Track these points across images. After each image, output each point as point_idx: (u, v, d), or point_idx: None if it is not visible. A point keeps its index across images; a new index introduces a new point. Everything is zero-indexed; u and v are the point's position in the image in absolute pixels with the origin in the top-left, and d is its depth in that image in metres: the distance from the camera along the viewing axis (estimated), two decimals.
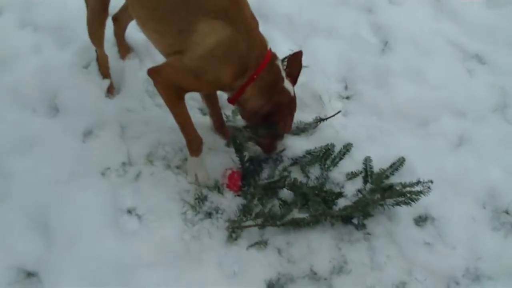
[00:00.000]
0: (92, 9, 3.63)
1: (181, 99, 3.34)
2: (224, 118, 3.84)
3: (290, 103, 3.40)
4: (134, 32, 4.24)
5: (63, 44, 4.25)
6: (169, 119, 3.69)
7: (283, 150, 3.68)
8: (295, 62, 3.52)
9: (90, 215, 3.31)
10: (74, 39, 4.23)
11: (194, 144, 3.48)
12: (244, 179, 3.52)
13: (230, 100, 3.40)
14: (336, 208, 3.43)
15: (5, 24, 4.39)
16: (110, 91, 3.98)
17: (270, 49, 3.32)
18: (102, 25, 3.74)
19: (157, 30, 3.27)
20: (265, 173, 3.57)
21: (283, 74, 3.36)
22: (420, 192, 3.35)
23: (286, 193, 3.50)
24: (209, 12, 3.06)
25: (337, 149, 3.74)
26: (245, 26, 3.14)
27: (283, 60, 3.87)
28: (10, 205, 3.32)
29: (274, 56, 3.34)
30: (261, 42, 3.27)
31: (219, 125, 3.80)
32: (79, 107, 3.83)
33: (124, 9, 4.02)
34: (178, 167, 3.60)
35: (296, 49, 4.03)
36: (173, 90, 3.30)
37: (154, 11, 3.21)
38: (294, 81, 3.47)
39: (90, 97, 3.90)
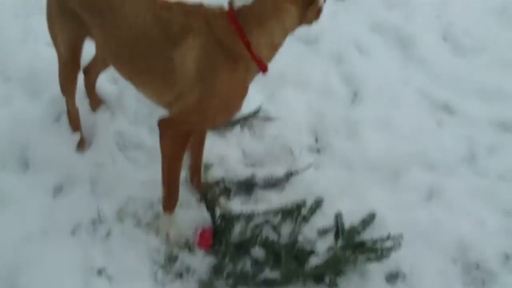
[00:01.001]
0: (64, 62, 3.62)
1: (184, 151, 3.28)
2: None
3: None
4: (105, 84, 4.25)
5: (34, 95, 4.25)
6: (140, 174, 3.71)
7: None
8: None
9: (60, 275, 3.25)
10: (45, 90, 4.23)
11: (172, 201, 3.45)
12: (216, 236, 3.49)
13: (263, 70, 3.15)
14: (308, 266, 3.40)
15: None
16: (81, 145, 3.95)
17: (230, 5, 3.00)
18: (74, 78, 3.74)
19: (145, 82, 3.26)
20: (236, 230, 3.53)
21: None
22: (391, 248, 3.36)
23: (258, 251, 3.46)
24: (176, 38, 3.00)
25: (308, 204, 3.72)
26: (204, 22, 2.98)
27: (250, 116, 3.99)
28: None
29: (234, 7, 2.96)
30: (216, 11, 3.01)
31: (196, 178, 3.77)
32: (49, 162, 3.79)
33: (94, 61, 4.02)
34: (148, 224, 3.56)
35: (265, 101, 4.08)
36: (183, 140, 3.20)
37: (131, 64, 3.23)
38: None
39: (60, 152, 3.86)
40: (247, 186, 3.82)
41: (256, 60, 3.02)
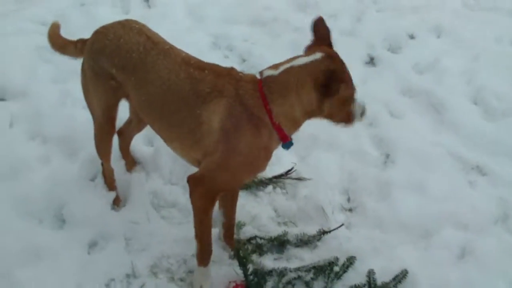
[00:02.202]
0: (100, 124, 3.73)
1: (213, 206, 3.35)
2: None
3: (326, 66, 3.03)
4: (141, 145, 4.35)
5: (71, 155, 4.36)
6: (174, 231, 3.76)
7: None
8: (320, 26, 3.25)
9: None
10: (81, 150, 4.35)
11: (206, 254, 3.49)
12: None
13: (283, 139, 3.23)
14: None
15: (15, 135, 4.52)
16: (116, 203, 4.04)
17: (261, 74, 3.17)
18: (109, 140, 3.83)
19: (174, 137, 3.33)
20: (269, 286, 3.54)
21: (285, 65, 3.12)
22: None
23: None
24: (206, 97, 3.11)
25: (340, 262, 3.73)
26: (233, 84, 3.13)
27: (282, 175, 4.08)
28: None
29: (263, 76, 3.14)
30: (248, 76, 3.20)
31: (229, 236, 3.81)
32: (85, 218, 3.87)
33: (128, 122, 4.14)
34: (181, 280, 3.60)
35: (297, 162, 4.15)
36: (211, 197, 3.29)
37: (162, 119, 3.34)
38: (329, 44, 3.21)
39: (96, 209, 3.95)
40: (280, 244, 3.85)
41: (276, 127, 3.12)
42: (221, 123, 3.09)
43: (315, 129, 4.72)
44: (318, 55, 3.08)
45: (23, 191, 4.00)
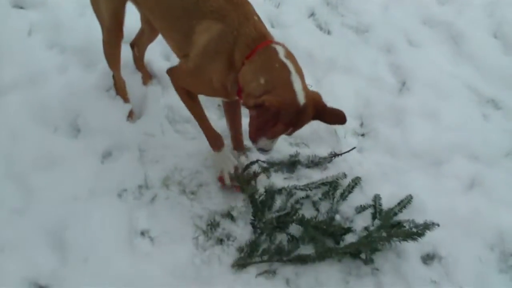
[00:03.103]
0: (108, 30, 3.73)
1: (193, 98, 3.51)
2: None
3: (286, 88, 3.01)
4: (157, 59, 4.35)
5: (88, 66, 4.34)
6: (187, 145, 3.82)
7: (267, 151, 3.28)
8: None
9: (105, 234, 3.39)
10: (99, 62, 4.30)
11: (212, 138, 3.61)
12: (256, 210, 3.56)
13: (238, 94, 3.25)
14: (344, 243, 3.47)
15: (34, 44, 4.49)
16: (131, 115, 4.06)
17: (273, 41, 3.21)
18: (118, 46, 3.84)
19: (171, 36, 3.49)
20: (277, 204, 3.61)
21: (289, 64, 3.11)
22: (426, 227, 3.42)
23: (295, 228, 3.54)
24: (206, 14, 3.18)
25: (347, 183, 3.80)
26: (238, 20, 3.14)
27: None
28: (29, 219, 3.39)
29: (274, 44, 3.17)
30: (258, 31, 3.16)
31: (238, 144, 3.90)
32: (100, 128, 3.91)
33: (140, 33, 4.15)
34: (193, 193, 3.66)
35: (313, 84, 4.15)
36: (184, 90, 3.48)
37: (165, 21, 3.44)
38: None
39: (111, 120, 3.98)
40: (290, 164, 3.88)
41: (239, 82, 3.16)
42: (207, 42, 3.18)
43: (333, 53, 4.73)
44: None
45: (39, 99, 4.02)
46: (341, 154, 3.96)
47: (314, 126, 4.06)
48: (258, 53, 3.09)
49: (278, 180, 3.78)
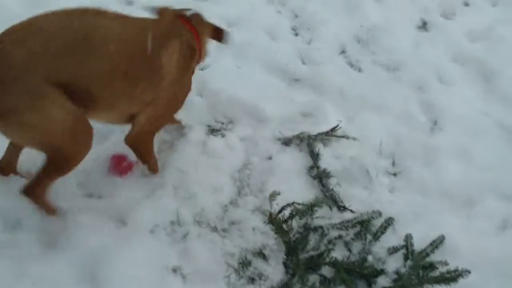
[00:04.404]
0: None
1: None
2: None
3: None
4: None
5: None
6: (220, 181, 3.83)
7: None
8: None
9: (137, 270, 3.36)
10: None
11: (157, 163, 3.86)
12: (289, 251, 3.55)
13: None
14: (376, 286, 3.45)
15: None
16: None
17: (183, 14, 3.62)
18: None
19: (134, 97, 3.33)
20: (311, 244, 3.59)
21: None
22: (459, 275, 3.39)
23: (327, 268, 3.50)
24: (161, 41, 3.30)
25: (379, 223, 3.78)
26: (171, 25, 3.46)
27: (327, 132, 4.22)
28: (62, 253, 3.39)
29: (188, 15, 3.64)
30: (177, 20, 3.55)
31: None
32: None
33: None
34: (224, 230, 3.66)
35: (345, 122, 4.17)
36: (153, 137, 3.64)
37: (127, 79, 3.23)
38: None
39: None
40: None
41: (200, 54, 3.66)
42: (177, 62, 3.35)
43: (364, 90, 4.74)
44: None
45: None
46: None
47: (346, 164, 4.08)
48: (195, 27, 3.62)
49: (311, 219, 3.75)
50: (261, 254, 3.55)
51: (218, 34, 3.79)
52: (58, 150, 3.10)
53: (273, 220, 3.61)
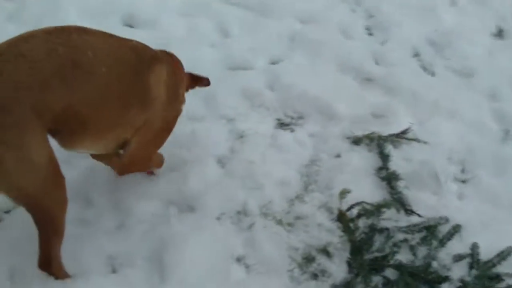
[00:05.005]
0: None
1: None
2: None
3: None
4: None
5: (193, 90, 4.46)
6: (289, 174, 3.87)
7: None
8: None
9: (202, 256, 3.39)
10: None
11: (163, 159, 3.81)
12: (354, 251, 3.53)
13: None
14: None
15: None
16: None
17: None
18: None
19: (125, 122, 3.17)
20: (376, 245, 3.57)
21: None
22: None
23: (391, 271, 3.47)
24: (150, 63, 3.21)
25: (446, 229, 3.72)
26: (160, 53, 3.40)
27: (398, 134, 4.19)
28: (132, 233, 3.47)
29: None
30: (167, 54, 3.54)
31: None
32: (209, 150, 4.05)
33: None
34: (290, 224, 3.66)
35: (416, 124, 4.13)
36: (144, 164, 3.59)
37: (120, 101, 3.07)
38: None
39: (218, 143, 4.14)
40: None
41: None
42: (165, 85, 3.27)
43: (436, 95, 4.68)
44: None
45: None
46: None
47: (416, 168, 4.04)
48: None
49: (377, 220, 3.73)
50: (325, 251, 3.53)
51: (197, 81, 3.85)
52: (35, 204, 2.83)
53: (342, 218, 3.59)
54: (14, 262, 3.22)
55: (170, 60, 3.47)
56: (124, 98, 3.04)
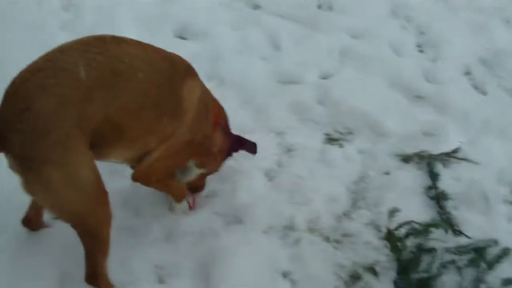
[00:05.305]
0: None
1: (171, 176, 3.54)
2: None
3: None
4: None
5: (245, 102, 4.51)
6: (335, 189, 3.87)
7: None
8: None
9: (249, 269, 3.40)
10: (254, 99, 4.49)
11: (184, 193, 3.67)
12: (401, 270, 3.50)
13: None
14: None
15: None
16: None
17: None
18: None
19: (152, 130, 3.09)
20: (423, 265, 3.52)
21: None
22: None
23: None
24: (183, 74, 3.17)
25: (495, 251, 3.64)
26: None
27: (448, 153, 4.16)
28: (181, 243, 3.51)
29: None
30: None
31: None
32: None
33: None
34: (337, 241, 3.65)
35: (466, 143, 4.08)
36: (169, 176, 3.49)
37: (154, 110, 3.03)
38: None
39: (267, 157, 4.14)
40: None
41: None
42: (198, 100, 3.21)
43: (487, 114, 4.64)
44: None
45: None
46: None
47: (465, 188, 3.99)
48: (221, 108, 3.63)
49: (425, 240, 3.69)
50: (371, 270, 3.51)
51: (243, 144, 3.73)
52: (82, 221, 2.86)
53: (390, 237, 3.57)
54: (65, 267, 3.29)
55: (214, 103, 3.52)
56: (158, 107, 3.01)
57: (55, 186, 2.63)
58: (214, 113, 3.46)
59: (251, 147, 3.69)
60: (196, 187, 3.78)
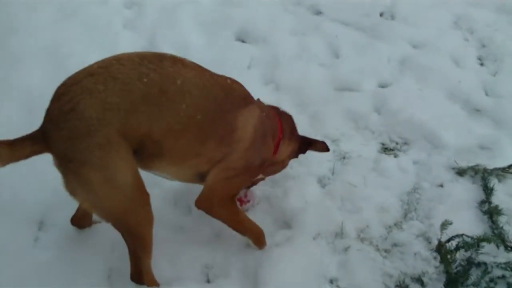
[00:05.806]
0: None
1: (235, 203, 3.44)
2: None
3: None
4: None
5: (299, 105, 4.54)
6: (389, 200, 3.89)
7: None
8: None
9: (295, 273, 3.43)
10: (309, 105, 4.52)
11: (262, 236, 3.56)
12: (449, 283, 3.48)
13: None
14: None
15: (252, 77, 4.81)
16: None
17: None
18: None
19: (201, 154, 3.12)
20: (472, 279, 3.49)
21: None
22: None
23: None
24: (240, 103, 3.18)
25: None
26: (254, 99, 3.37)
27: (505, 168, 4.10)
28: (228, 245, 3.57)
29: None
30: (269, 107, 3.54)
31: None
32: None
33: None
34: (386, 251, 3.65)
35: None
36: (230, 200, 3.35)
37: (199, 134, 3.04)
38: None
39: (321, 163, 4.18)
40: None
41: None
42: (253, 129, 3.19)
43: None
44: None
45: None
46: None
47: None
48: (283, 123, 3.60)
49: (476, 253, 3.65)
50: (419, 281, 3.50)
51: (310, 144, 3.73)
52: (122, 222, 2.98)
53: (441, 249, 3.56)
54: (112, 263, 3.41)
55: (272, 114, 3.51)
56: (204, 132, 3.03)
57: (93, 187, 2.76)
58: (277, 136, 3.50)
59: (322, 146, 3.71)
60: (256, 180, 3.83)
